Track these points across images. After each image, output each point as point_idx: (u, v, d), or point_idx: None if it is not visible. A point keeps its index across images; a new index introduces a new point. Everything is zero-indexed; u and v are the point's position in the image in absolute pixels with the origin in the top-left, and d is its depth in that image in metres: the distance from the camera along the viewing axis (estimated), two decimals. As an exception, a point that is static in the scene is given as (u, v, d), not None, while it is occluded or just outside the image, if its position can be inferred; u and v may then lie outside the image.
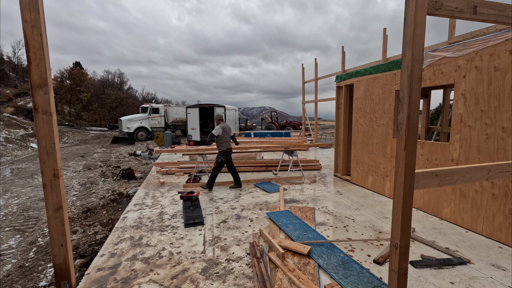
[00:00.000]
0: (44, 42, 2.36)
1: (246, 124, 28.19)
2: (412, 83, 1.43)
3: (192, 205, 4.37)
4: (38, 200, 6.92)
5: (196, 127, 17.61)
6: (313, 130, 15.63)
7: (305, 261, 2.91)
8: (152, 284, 2.58)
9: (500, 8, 1.61)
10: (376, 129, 5.46)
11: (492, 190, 3.39)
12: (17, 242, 4.70)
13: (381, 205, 4.75)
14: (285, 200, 5.04)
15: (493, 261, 2.91)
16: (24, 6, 2.27)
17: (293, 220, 3.98)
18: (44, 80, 2.39)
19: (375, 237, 3.50)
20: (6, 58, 34.98)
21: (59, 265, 2.60)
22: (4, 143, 15.53)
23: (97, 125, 33.83)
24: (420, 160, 4.43)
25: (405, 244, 1.56)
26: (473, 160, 3.63)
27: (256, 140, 12.98)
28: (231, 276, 2.68)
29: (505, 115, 3.22)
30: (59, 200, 2.55)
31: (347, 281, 2.54)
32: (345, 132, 6.82)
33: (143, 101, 42.10)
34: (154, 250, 3.21)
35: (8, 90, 30.16)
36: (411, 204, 1.54)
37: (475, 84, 3.55)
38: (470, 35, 6.47)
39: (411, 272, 2.67)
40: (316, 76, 14.67)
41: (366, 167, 5.83)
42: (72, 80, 32.16)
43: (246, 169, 7.72)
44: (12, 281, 3.53)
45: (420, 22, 1.39)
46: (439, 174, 1.61)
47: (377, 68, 5.34)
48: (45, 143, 2.44)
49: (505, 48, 3.19)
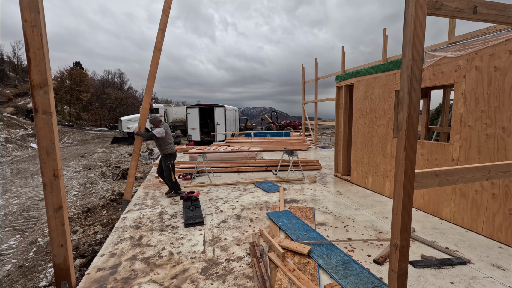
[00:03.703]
0: (44, 42, 2.36)
1: (246, 124, 28.20)
2: (412, 83, 1.43)
3: (192, 205, 4.37)
4: (38, 200, 6.92)
5: (196, 127, 17.62)
6: (313, 130, 15.63)
7: (305, 261, 2.91)
8: (152, 284, 2.58)
9: (500, 8, 1.61)
10: (376, 129, 5.46)
11: (492, 190, 3.39)
12: (17, 242, 4.70)
13: (381, 205, 4.75)
14: (285, 200, 5.04)
15: (493, 261, 2.91)
16: (24, 6, 2.27)
17: (293, 220, 3.98)
18: (44, 80, 2.39)
19: (375, 237, 3.50)
20: (6, 58, 35.00)
21: (59, 265, 2.60)
22: (4, 143, 15.53)
23: (97, 125, 33.84)
24: (420, 160, 4.43)
25: (405, 244, 1.56)
26: (473, 160, 3.63)
27: (256, 140, 12.97)
28: (231, 276, 2.68)
29: (505, 115, 3.22)
30: (59, 200, 2.55)
31: (347, 281, 2.54)
32: (345, 132, 6.82)
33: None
34: (154, 250, 3.21)
35: (8, 90, 30.17)
36: (411, 204, 1.54)
37: (475, 84, 3.55)
38: (470, 35, 6.48)
39: (411, 272, 2.67)
40: (316, 76, 14.68)
41: (366, 167, 5.83)
42: (72, 80, 32.18)
43: (246, 169, 7.73)
44: (12, 281, 3.53)
45: (420, 22, 1.39)
46: (439, 174, 1.61)
47: (377, 68, 5.34)
48: (45, 143, 2.44)
49: (505, 48, 3.19)
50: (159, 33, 5.09)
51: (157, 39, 5.11)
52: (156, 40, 5.11)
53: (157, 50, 5.11)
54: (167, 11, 5.09)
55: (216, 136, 17.35)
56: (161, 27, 5.07)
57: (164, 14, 5.05)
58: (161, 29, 5.08)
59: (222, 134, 17.61)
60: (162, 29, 5.09)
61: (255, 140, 13.13)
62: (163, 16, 5.05)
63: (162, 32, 5.11)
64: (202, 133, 18.36)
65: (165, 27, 5.13)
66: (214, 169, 7.55)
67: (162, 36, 5.13)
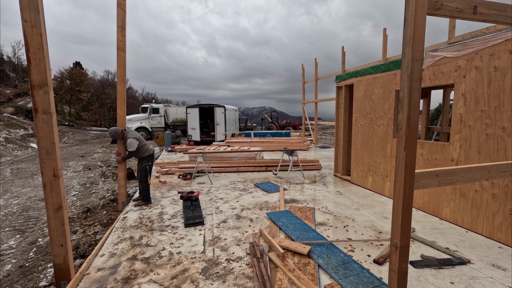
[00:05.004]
0: (44, 42, 2.36)
1: (246, 124, 28.20)
2: (412, 83, 1.43)
3: (192, 205, 4.37)
4: (38, 200, 6.92)
5: (196, 127, 17.62)
6: (313, 130, 15.63)
7: (305, 261, 2.91)
8: (152, 284, 2.58)
9: (500, 8, 1.61)
10: (376, 129, 5.46)
11: (492, 190, 3.39)
12: (17, 242, 4.70)
13: (381, 205, 4.75)
14: (285, 200, 5.04)
15: (493, 261, 2.91)
16: (24, 6, 2.27)
17: (293, 220, 3.98)
18: (44, 80, 2.39)
19: (375, 237, 3.50)
20: (6, 58, 35.00)
21: (59, 265, 2.60)
22: (4, 143, 15.53)
23: (97, 125, 33.82)
24: (420, 160, 4.42)
25: (405, 244, 1.56)
26: (473, 160, 3.63)
27: (256, 140, 12.97)
28: (231, 276, 2.68)
29: (505, 115, 3.22)
30: (59, 200, 2.55)
31: (347, 281, 2.54)
32: (345, 132, 6.82)
33: (143, 101, 42.12)
34: (154, 250, 3.21)
35: (8, 90, 30.17)
36: (411, 204, 1.54)
37: (475, 84, 3.55)
38: (470, 35, 6.48)
39: (411, 272, 2.67)
40: (316, 76, 14.68)
41: (366, 167, 5.83)
42: (72, 80, 32.17)
43: (246, 169, 7.73)
44: (12, 281, 3.53)
45: (420, 22, 1.39)
46: (439, 174, 1.61)
47: (377, 68, 5.34)
48: (45, 143, 2.44)
49: (505, 48, 3.19)
50: (119, 31, 4.59)
51: (117, 38, 4.61)
52: (117, 39, 4.60)
53: (121, 50, 4.66)
54: (122, 4, 4.55)
55: (216, 136, 17.36)
56: (119, 23, 4.58)
57: (119, 8, 4.53)
58: (119, 26, 4.59)
59: (222, 134, 17.62)
60: (121, 26, 4.60)
61: (255, 140, 13.13)
62: (119, 11, 4.54)
63: (122, 29, 4.62)
64: (202, 133, 18.36)
65: (123, 23, 4.62)
66: (214, 169, 7.55)
67: (123, 33, 4.64)
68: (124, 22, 4.64)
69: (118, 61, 4.72)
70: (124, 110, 4.92)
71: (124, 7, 4.60)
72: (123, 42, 4.67)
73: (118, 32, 4.64)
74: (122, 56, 4.70)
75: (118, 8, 4.56)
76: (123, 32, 4.66)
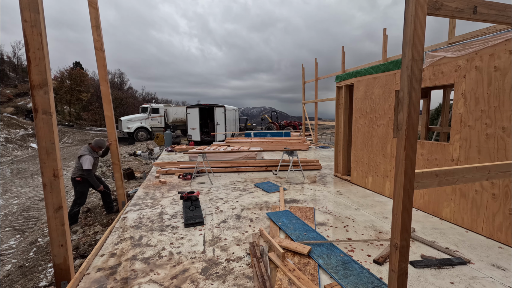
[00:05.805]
0: (44, 42, 2.37)
1: (246, 124, 28.22)
2: (412, 83, 1.43)
3: (192, 205, 4.37)
4: (38, 200, 6.92)
5: (196, 127, 17.64)
6: (313, 130, 15.64)
7: (305, 261, 2.91)
8: (152, 284, 2.58)
9: (500, 8, 1.61)
10: (376, 129, 5.46)
11: (492, 190, 3.39)
12: (17, 242, 4.70)
13: (381, 205, 4.75)
14: (285, 200, 5.04)
15: (493, 261, 2.91)
16: (24, 6, 2.27)
17: (293, 220, 3.98)
18: (44, 80, 2.39)
19: (375, 237, 3.50)
20: (6, 58, 34.99)
21: (59, 265, 2.60)
22: (4, 143, 15.53)
23: (97, 125, 33.81)
24: (420, 160, 4.42)
25: (405, 244, 1.56)
26: (473, 160, 3.63)
27: (256, 140, 12.97)
28: (231, 276, 2.68)
29: (505, 115, 3.22)
30: (59, 200, 2.55)
31: (347, 281, 2.54)
32: (345, 132, 6.82)
33: (143, 101, 42.11)
34: (154, 250, 3.21)
35: (8, 90, 30.16)
36: (411, 204, 1.54)
37: (475, 84, 3.55)
38: (470, 35, 6.48)
39: (411, 272, 2.67)
40: (316, 76, 14.68)
41: (366, 167, 5.83)
42: (72, 80, 32.15)
43: (246, 169, 7.73)
44: (12, 281, 3.53)
45: (420, 22, 1.39)
46: (439, 174, 1.61)
47: (377, 68, 5.34)
48: (45, 143, 2.44)
49: (505, 48, 3.19)
50: (94, 30, 4.50)
51: (94, 38, 4.54)
52: (93, 39, 4.53)
53: (99, 50, 4.59)
54: (94, 2, 4.46)
55: (216, 136, 17.37)
56: (93, 23, 4.49)
57: (91, 7, 4.45)
58: (94, 25, 4.50)
59: (222, 134, 17.62)
60: (95, 26, 4.51)
61: (255, 140, 13.13)
62: (92, 10, 4.46)
63: (97, 28, 4.53)
64: (202, 133, 18.37)
65: (98, 22, 4.52)
66: (214, 169, 7.55)
67: (98, 33, 4.56)
68: (98, 21, 4.55)
69: (98, 61, 4.67)
70: (111, 110, 4.92)
71: (96, 6, 4.51)
72: (100, 41, 4.61)
73: (93, 31, 4.55)
74: (101, 56, 4.66)
75: (90, 7, 4.47)
76: (98, 32, 4.57)
